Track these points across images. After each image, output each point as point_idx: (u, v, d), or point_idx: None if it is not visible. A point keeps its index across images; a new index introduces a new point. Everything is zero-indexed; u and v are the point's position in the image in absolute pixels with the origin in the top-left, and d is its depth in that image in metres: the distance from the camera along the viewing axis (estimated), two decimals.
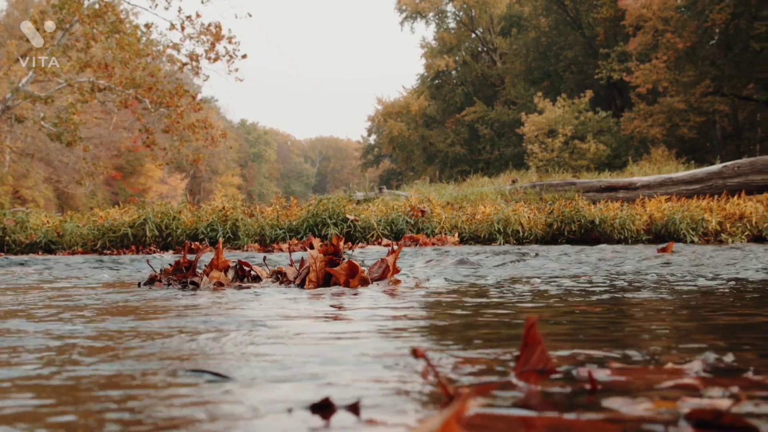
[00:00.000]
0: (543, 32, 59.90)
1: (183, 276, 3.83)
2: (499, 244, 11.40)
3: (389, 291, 3.41)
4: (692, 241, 11.58)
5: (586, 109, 48.16)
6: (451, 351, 1.72)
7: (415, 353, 1.07)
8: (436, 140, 64.80)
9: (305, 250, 10.00)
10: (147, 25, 28.86)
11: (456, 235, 11.70)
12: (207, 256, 5.23)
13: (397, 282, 3.87)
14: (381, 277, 3.85)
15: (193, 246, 10.47)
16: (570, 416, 1.08)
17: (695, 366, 1.40)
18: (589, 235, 11.94)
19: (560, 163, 43.37)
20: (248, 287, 3.73)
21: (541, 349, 1.31)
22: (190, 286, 3.74)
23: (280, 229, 12.11)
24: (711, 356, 1.53)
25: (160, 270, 4.06)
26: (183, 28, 28.30)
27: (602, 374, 1.37)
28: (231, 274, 3.94)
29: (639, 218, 12.08)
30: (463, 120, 62.87)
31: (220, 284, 3.77)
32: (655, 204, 12.73)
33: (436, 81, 69.21)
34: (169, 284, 3.87)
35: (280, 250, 10.11)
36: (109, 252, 11.22)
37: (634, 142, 48.00)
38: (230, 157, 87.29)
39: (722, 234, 12.05)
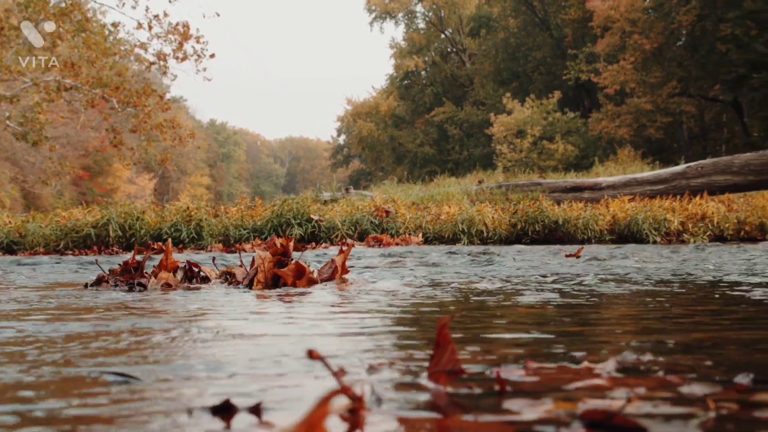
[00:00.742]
0: (512, 33, 60.13)
1: (131, 277, 3.79)
2: (464, 244, 11.41)
3: (336, 291, 3.39)
4: (654, 241, 11.64)
5: (554, 110, 48.35)
6: (374, 352, 1.70)
7: (311, 354, 1.05)
8: (405, 140, 64.89)
9: (268, 249, 10.00)
10: (114, 24, 28.70)
11: (420, 235, 11.70)
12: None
13: (346, 282, 3.86)
14: (330, 278, 3.83)
15: (156, 246, 10.41)
16: (468, 418, 1.07)
17: (608, 366, 1.39)
18: (552, 235, 11.97)
19: (529, 164, 43.49)
20: (197, 288, 3.71)
21: (452, 349, 1.30)
22: (138, 288, 3.71)
23: (245, 230, 12.06)
24: (629, 356, 1.53)
25: (109, 271, 4.02)
26: (150, 28, 28.12)
27: (516, 374, 1.36)
28: (180, 275, 3.91)
29: (602, 218, 12.14)
30: (433, 120, 62.98)
31: (168, 285, 3.74)
32: (619, 204, 12.80)
33: (406, 81, 69.30)
34: (117, 285, 3.83)
35: (243, 250, 10.05)
36: (71, 252, 11.13)
37: (602, 143, 48.27)
38: (199, 157, 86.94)
39: (684, 234, 12.12)
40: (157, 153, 31.50)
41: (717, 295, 3.11)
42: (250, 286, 3.64)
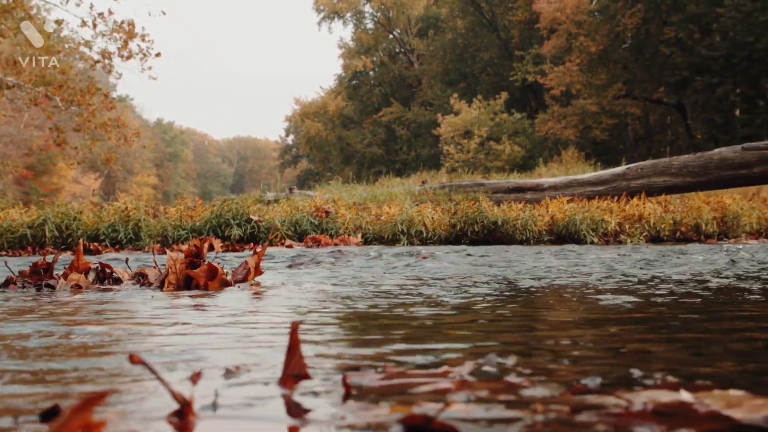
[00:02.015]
0: (459, 34, 60.40)
1: (39, 278, 3.73)
2: (403, 244, 11.40)
3: (247, 293, 3.36)
4: (592, 242, 11.72)
5: (501, 111, 48.59)
6: (248, 355, 1.68)
7: (132, 359, 1.02)
8: (353, 141, 64.90)
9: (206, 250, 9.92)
10: (58, 22, 28.30)
11: (360, 236, 11.68)
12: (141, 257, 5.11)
13: (259, 284, 3.82)
14: (243, 279, 3.80)
15: (91, 247, 10.30)
16: (293, 423, 1.05)
17: (464, 369, 1.38)
18: (492, 235, 12.01)
19: (476, 164, 43.66)
20: (108, 289, 3.65)
21: (299, 354, 1.28)
22: (46, 289, 3.65)
23: (183, 230, 11.95)
24: (494, 358, 1.52)
25: (18, 272, 3.95)
26: (95, 26, 27.79)
27: (371, 378, 1.34)
28: (92, 276, 3.85)
29: (541, 219, 12.19)
30: (380, 121, 63.07)
31: (78, 286, 3.68)
32: (557, 205, 12.86)
33: (354, 81, 69.34)
34: (24, 287, 3.76)
35: (180, 251, 9.98)
36: (5, 253, 10.96)
37: (549, 144, 48.63)
38: (146, 156, 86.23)
39: (621, 235, 12.23)
40: (102, 152, 31.12)
41: (575, 298, 3.12)
42: (161, 287, 3.60)
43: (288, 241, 11.21)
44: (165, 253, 9.70)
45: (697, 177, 15.42)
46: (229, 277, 3.73)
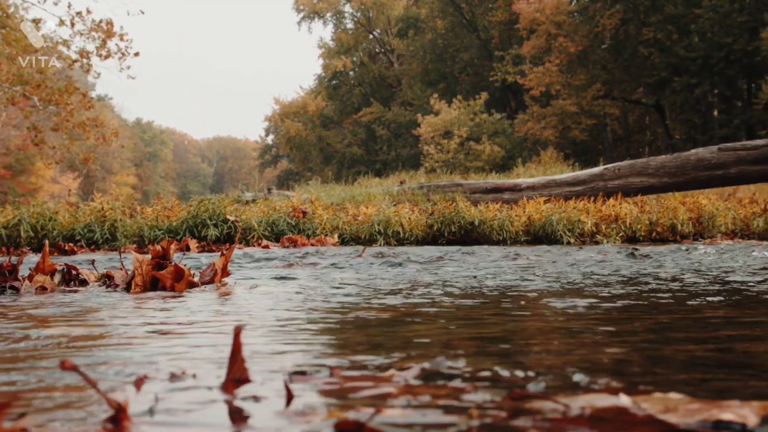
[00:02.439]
0: (439, 34, 60.49)
1: (4, 280, 3.70)
2: (380, 245, 11.39)
3: (212, 295, 3.34)
4: (569, 242, 11.74)
5: (481, 111, 48.66)
6: (199, 359, 1.67)
7: (63, 365, 1.01)
8: (333, 141, 64.87)
9: (182, 251, 9.88)
10: (36, 21, 28.13)
11: (336, 236, 11.66)
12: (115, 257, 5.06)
13: (226, 285, 3.81)
14: (211, 281, 3.78)
15: (66, 247, 10.24)
16: (230, 429, 1.04)
17: (410, 373, 1.37)
18: (468, 236, 12.01)
19: (456, 164, 43.71)
20: (73, 291, 3.62)
21: (241, 358, 1.27)
22: (10, 291, 3.62)
23: (160, 230, 11.89)
24: (443, 362, 1.51)
25: None
26: (73, 25, 27.66)
27: (317, 382, 1.33)
28: (57, 277, 3.82)
29: (518, 219, 12.20)
30: (360, 121, 63.08)
31: (43, 288, 3.65)
32: (534, 206, 12.87)
33: (334, 81, 69.33)
34: None
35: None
36: None
37: (528, 144, 48.74)
38: (125, 156, 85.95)
39: (598, 235, 12.26)
40: (80, 152, 30.95)
41: (532, 302, 3.12)
42: (128, 289, 3.58)
43: (265, 242, 11.17)
44: (141, 253, 9.65)
45: (674, 177, 15.49)
46: (196, 279, 3.71)
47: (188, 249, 9.93)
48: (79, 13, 27.62)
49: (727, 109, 46.25)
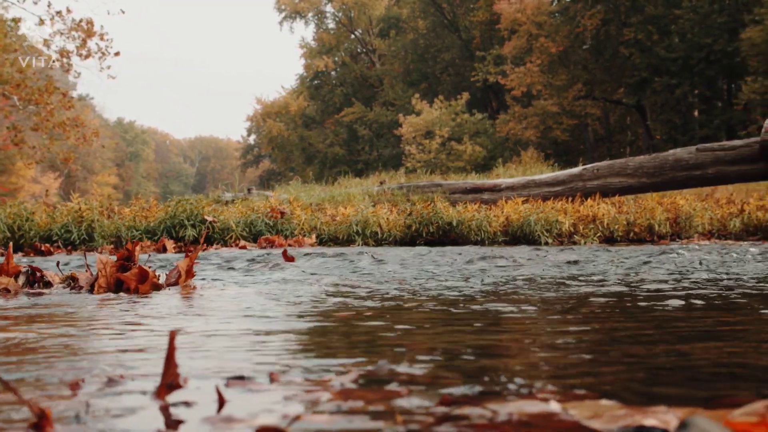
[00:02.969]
0: (421, 34, 60.58)
1: None
2: (358, 245, 11.38)
3: (176, 297, 3.32)
4: (546, 243, 11.75)
5: (462, 111, 48.70)
6: (140, 362, 1.66)
7: None
8: (315, 141, 64.83)
9: (158, 251, 9.86)
10: (15, 20, 28.00)
11: (314, 236, 11.64)
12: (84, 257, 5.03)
13: (191, 287, 3.78)
14: (176, 283, 3.77)
15: (43, 248, 10.20)
16: None
17: (348, 377, 1.36)
18: (447, 236, 12.00)
19: (437, 164, 43.72)
20: (38, 293, 3.59)
21: (174, 363, 1.26)
22: None
23: (137, 231, 11.84)
24: (384, 366, 1.50)
25: None
26: (53, 24, 27.57)
27: (252, 387, 1.32)
28: (21, 279, 3.79)
29: (496, 220, 12.20)
30: (342, 121, 63.07)
31: (6, 290, 3.62)
32: (512, 206, 12.87)
33: (316, 81, 69.31)
34: None
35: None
36: None
37: (509, 144, 48.82)
38: (106, 156, 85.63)
39: (575, 235, 12.27)
40: (60, 152, 30.82)
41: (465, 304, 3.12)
42: (92, 290, 3.56)
43: (242, 242, 11.16)
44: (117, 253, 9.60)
45: (652, 178, 15.53)
46: (162, 281, 3.70)
47: (165, 250, 9.91)
48: (59, 13, 27.56)
49: (707, 109, 46.52)
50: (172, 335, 1.25)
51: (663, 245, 10.46)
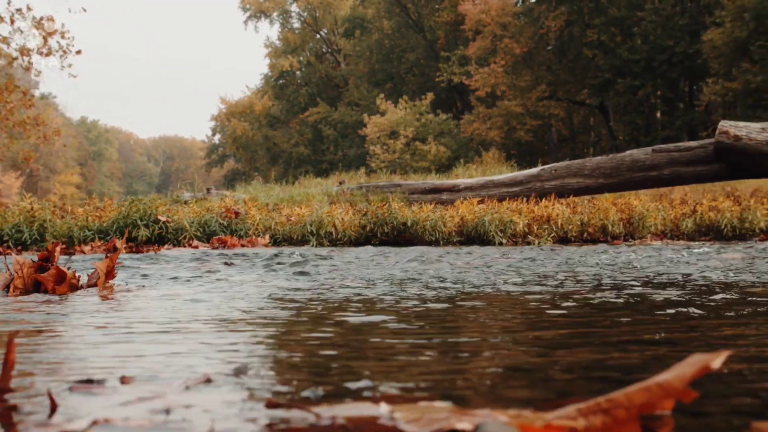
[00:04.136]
0: (386, 35, 60.61)
1: None
2: (312, 245, 11.34)
3: (92, 299, 3.27)
4: (500, 243, 11.77)
5: (427, 111, 48.77)
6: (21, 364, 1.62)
7: None
8: (279, 140, 64.75)
9: (107, 252, 9.76)
10: None
11: (267, 236, 11.59)
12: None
13: (111, 288, 3.73)
14: (96, 284, 3.72)
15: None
16: None
17: (194, 380, 1.34)
18: (402, 236, 11.99)
19: (402, 165, 43.79)
20: None
21: (8, 368, 1.23)
22: None
23: (90, 231, 11.73)
24: (244, 368, 1.48)
25: None
26: (12, 22, 27.33)
27: (97, 391, 1.29)
28: None
29: (451, 220, 12.20)
30: (307, 121, 63.02)
31: None
32: (467, 206, 12.87)
33: (281, 81, 69.21)
34: None
35: (83, 252, 9.81)
36: None
37: (474, 144, 48.95)
38: (69, 155, 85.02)
39: (529, 236, 12.30)
40: (21, 151, 30.59)
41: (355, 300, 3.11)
42: (7, 291, 3.50)
43: (195, 242, 11.10)
44: (67, 254, 9.52)
45: (609, 178, 15.62)
46: (83, 281, 3.65)
47: (115, 249, 9.81)
48: (19, 10, 27.34)
49: (669, 110, 46.92)
50: (11, 337, 1.22)
51: (616, 245, 10.52)
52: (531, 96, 47.46)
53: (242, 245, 10.78)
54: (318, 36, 70.02)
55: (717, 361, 1.02)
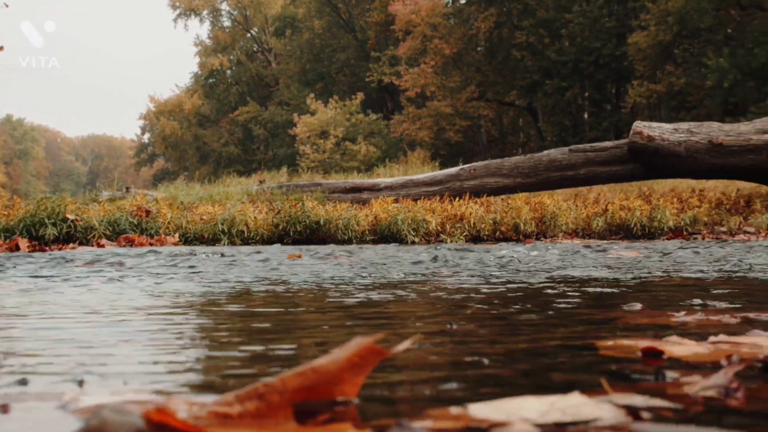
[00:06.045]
0: (317, 34, 60.52)
1: None
2: (224, 244, 11.26)
3: None
4: (413, 242, 11.78)
5: (357, 111, 48.74)
6: None
7: None
8: (209, 140, 64.28)
9: (11, 251, 9.57)
10: None
11: (177, 235, 11.47)
12: None
13: None
14: None
15: None
16: None
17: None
18: (314, 235, 11.96)
19: (332, 164, 43.71)
20: None
21: None
22: None
23: None
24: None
25: None
26: None
27: None
28: None
29: (365, 219, 12.19)
30: (237, 120, 62.66)
31: None
32: (381, 205, 12.88)
33: (211, 80, 68.71)
34: None
35: None
36: None
37: (403, 145, 49.04)
38: None
39: (442, 234, 12.34)
40: None
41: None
42: None
43: (103, 241, 10.94)
44: None
45: (527, 178, 15.73)
46: None
47: (18, 248, 9.65)
48: None
49: (596, 111, 47.52)
50: None
51: (527, 243, 10.59)
52: (460, 97, 47.66)
53: (151, 244, 10.65)
54: (249, 35, 69.62)
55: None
